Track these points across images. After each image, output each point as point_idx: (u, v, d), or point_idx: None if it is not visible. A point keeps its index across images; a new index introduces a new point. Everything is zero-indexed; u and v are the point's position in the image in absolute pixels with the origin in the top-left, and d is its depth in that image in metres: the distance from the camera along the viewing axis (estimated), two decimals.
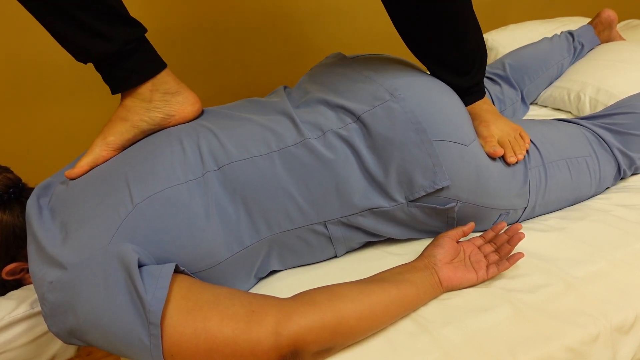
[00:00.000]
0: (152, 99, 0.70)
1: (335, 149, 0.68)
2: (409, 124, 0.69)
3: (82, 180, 0.67)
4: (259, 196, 0.66)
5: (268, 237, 0.68)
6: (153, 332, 0.52)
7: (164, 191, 0.62)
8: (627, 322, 0.63)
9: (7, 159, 0.88)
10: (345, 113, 0.71)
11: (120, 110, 0.70)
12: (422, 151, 0.69)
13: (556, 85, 1.27)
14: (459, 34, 0.76)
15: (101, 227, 0.59)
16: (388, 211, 0.71)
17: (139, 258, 0.56)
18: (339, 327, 0.57)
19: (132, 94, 0.69)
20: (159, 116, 0.71)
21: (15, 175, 0.72)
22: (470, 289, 0.68)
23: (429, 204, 0.72)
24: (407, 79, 0.74)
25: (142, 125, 0.70)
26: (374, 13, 1.65)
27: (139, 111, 0.70)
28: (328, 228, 0.71)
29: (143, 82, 0.69)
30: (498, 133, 0.79)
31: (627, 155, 0.89)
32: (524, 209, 0.81)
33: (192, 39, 1.51)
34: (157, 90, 0.70)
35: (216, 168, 0.66)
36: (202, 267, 0.64)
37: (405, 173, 0.69)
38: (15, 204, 0.69)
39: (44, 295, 0.57)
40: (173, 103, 0.72)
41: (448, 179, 0.70)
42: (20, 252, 0.70)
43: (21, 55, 1.33)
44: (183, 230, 0.62)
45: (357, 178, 0.69)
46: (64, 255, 0.58)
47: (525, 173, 0.78)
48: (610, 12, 1.38)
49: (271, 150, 0.67)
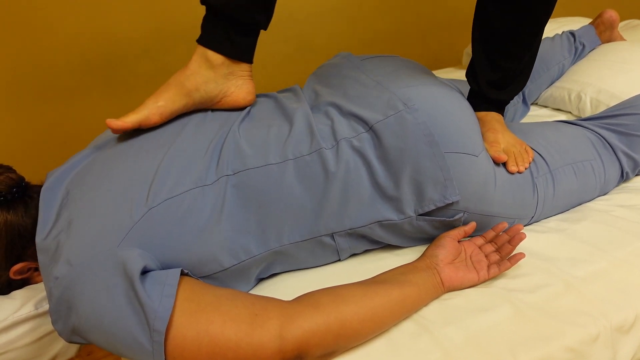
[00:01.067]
0: (217, 71, 0.72)
1: (347, 160, 0.67)
2: (421, 136, 0.68)
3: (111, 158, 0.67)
4: (271, 205, 0.66)
5: (276, 248, 0.68)
6: (156, 339, 0.52)
7: (179, 195, 0.62)
8: (627, 322, 0.63)
9: (7, 159, 0.88)
10: (358, 121, 0.70)
11: (180, 74, 0.71)
12: (434, 164, 0.68)
13: (557, 86, 1.27)
14: (529, 43, 0.80)
15: (112, 227, 0.59)
16: (397, 224, 0.71)
17: (145, 265, 0.56)
18: (343, 330, 0.57)
19: (204, 56, 0.71)
20: (214, 91, 0.72)
21: (18, 174, 0.71)
22: (470, 289, 0.69)
23: (437, 217, 0.72)
24: (420, 88, 0.73)
25: (195, 95, 0.71)
26: (374, 13, 1.65)
27: (199, 79, 0.71)
28: (335, 239, 0.71)
29: (230, 56, 0.72)
30: (504, 142, 0.79)
31: (631, 157, 0.89)
32: (531, 218, 0.81)
33: (192, 39, 1.50)
34: (227, 66, 0.72)
35: (231, 173, 0.65)
36: (206, 273, 0.64)
37: (416, 185, 0.68)
38: (19, 203, 0.69)
39: (51, 290, 0.57)
40: (231, 84, 0.73)
41: (458, 194, 0.69)
42: (25, 252, 0.70)
43: (21, 55, 1.33)
44: (192, 237, 0.62)
45: (367, 190, 0.68)
46: (71, 250, 0.58)
47: (533, 183, 0.78)
48: (613, 12, 1.37)
49: (287, 159, 0.67)
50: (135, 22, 1.42)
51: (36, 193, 0.71)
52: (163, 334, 0.52)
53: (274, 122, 0.72)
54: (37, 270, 0.73)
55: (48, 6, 1.30)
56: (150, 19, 1.43)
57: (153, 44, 1.46)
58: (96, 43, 1.40)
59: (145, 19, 1.43)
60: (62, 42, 1.36)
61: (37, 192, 0.71)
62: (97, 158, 0.69)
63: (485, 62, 0.83)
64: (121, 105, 1.49)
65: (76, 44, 1.37)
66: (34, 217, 0.68)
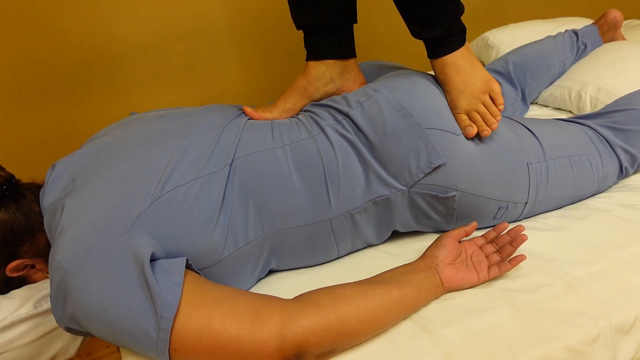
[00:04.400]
0: (332, 71, 0.82)
1: (334, 144, 0.71)
2: (394, 112, 0.72)
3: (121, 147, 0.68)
4: (269, 189, 0.68)
5: (272, 233, 0.69)
6: (163, 326, 0.53)
7: (186, 184, 0.63)
8: (627, 322, 0.63)
9: (7, 159, 0.88)
10: (336, 112, 0.75)
11: (302, 80, 0.82)
12: (412, 135, 0.71)
13: (557, 84, 1.27)
14: None
15: (120, 215, 0.59)
16: (390, 199, 0.72)
17: (152, 252, 0.57)
18: (342, 330, 0.57)
19: (324, 63, 0.81)
20: (332, 90, 0.83)
21: (7, 172, 0.72)
22: (470, 289, 0.69)
23: (430, 192, 0.72)
24: (393, 76, 0.79)
25: (315, 96, 0.82)
26: (373, 13, 1.65)
27: (319, 82, 0.82)
28: (332, 226, 0.71)
29: (350, 58, 0.82)
30: (466, 106, 0.75)
31: (628, 152, 0.89)
32: (525, 204, 0.81)
33: (192, 39, 1.51)
34: (339, 65, 0.82)
35: (233, 159, 0.68)
36: (208, 263, 0.64)
37: (401, 159, 0.71)
38: (10, 200, 0.69)
39: (52, 275, 0.57)
40: (346, 80, 0.83)
41: (443, 156, 0.71)
42: (19, 249, 0.70)
43: (21, 55, 1.33)
44: (198, 226, 0.62)
45: (357, 171, 0.71)
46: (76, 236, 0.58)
47: (527, 168, 0.78)
48: (617, 13, 1.37)
49: (284, 144, 0.71)
50: (135, 23, 1.42)
51: (27, 190, 0.71)
52: (171, 321, 0.53)
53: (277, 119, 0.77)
54: (34, 267, 0.73)
55: (48, 6, 1.31)
56: (150, 19, 1.43)
57: (153, 44, 1.46)
58: (96, 43, 1.40)
59: (145, 19, 1.43)
60: (62, 42, 1.36)
61: (28, 189, 0.71)
62: (106, 147, 0.70)
63: (404, 4, 0.76)
64: (121, 106, 1.49)
65: (76, 44, 1.37)
66: (26, 213, 0.68)
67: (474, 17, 1.79)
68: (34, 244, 0.70)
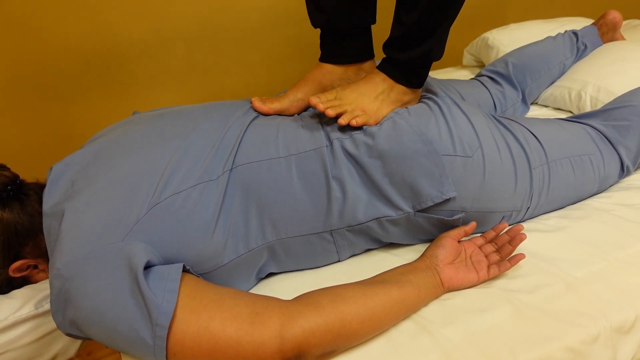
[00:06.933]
0: (348, 70, 0.82)
1: (343, 159, 0.69)
2: (414, 136, 0.70)
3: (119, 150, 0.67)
4: (271, 198, 0.67)
5: (274, 241, 0.69)
6: (159, 333, 0.52)
7: (185, 191, 0.63)
8: (627, 322, 0.63)
9: (7, 158, 0.88)
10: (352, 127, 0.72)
11: (317, 72, 0.81)
12: (430, 161, 0.70)
13: (557, 85, 1.27)
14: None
15: (117, 221, 0.59)
16: (395, 220, 0.71)
17: (148, 260, 0.56)
18: (342, 330, 0.57)
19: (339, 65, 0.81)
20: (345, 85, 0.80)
21: (12, 172, 0.72)
22: (470, 289, 0.69)
23: (436, 216, 0.72)
24: None
25: (328, 88, 0.81)
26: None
27: (334, 77, 0.81)
28: (334, 236, 0.71)
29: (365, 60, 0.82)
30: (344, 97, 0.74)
31: (629, 148, 0.89)
32: (527, 209, 0.81)
33: (192, 39, 1.51)
34: (359, 68, 0.82)
35: (234, 166, 0.67)
36: (208, 269, 0.64)
37: (413, 183, 0.70)
38: (15, 201, 0.69)
39: (52, 281, 0.57)
40: (361, 77, 0.81)
41: (454, 190, 0.70)
42: (23, 249, 0.70)
43: (21, 55, 1.33)
44: (196, 232, 0.62)
45: (361, 190, 0.70)
46: (74, 242, 0.58)
47: (530, 174, 0.78)
48: (616, 13, 1.37)
49: (290, 154, 0.69)
50: (134, 23, 1.42)
51: (32, 190, 0.71)
52: (166, 329, 0.52)
53: (283, 120, 0.74)
54: (37, 267, 0.73)
55: (48, 6, 1.31)
56: (150, 19, 1.43)
57: (153, 44, 1.46)
58: (96, 43, 1.40)
59: (145, 19, 1.43)
60: (62, 42, 1.36)
61: (32, 190, 0.71)
62: (105, 148, 0.69)
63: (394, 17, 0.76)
64: (121, 106, 1.49)
65: (76, 44, 1.38)
66: (30, 214, 0.68)
67: (474, 17, 1.79)
68: (37, 244, 0.70)
